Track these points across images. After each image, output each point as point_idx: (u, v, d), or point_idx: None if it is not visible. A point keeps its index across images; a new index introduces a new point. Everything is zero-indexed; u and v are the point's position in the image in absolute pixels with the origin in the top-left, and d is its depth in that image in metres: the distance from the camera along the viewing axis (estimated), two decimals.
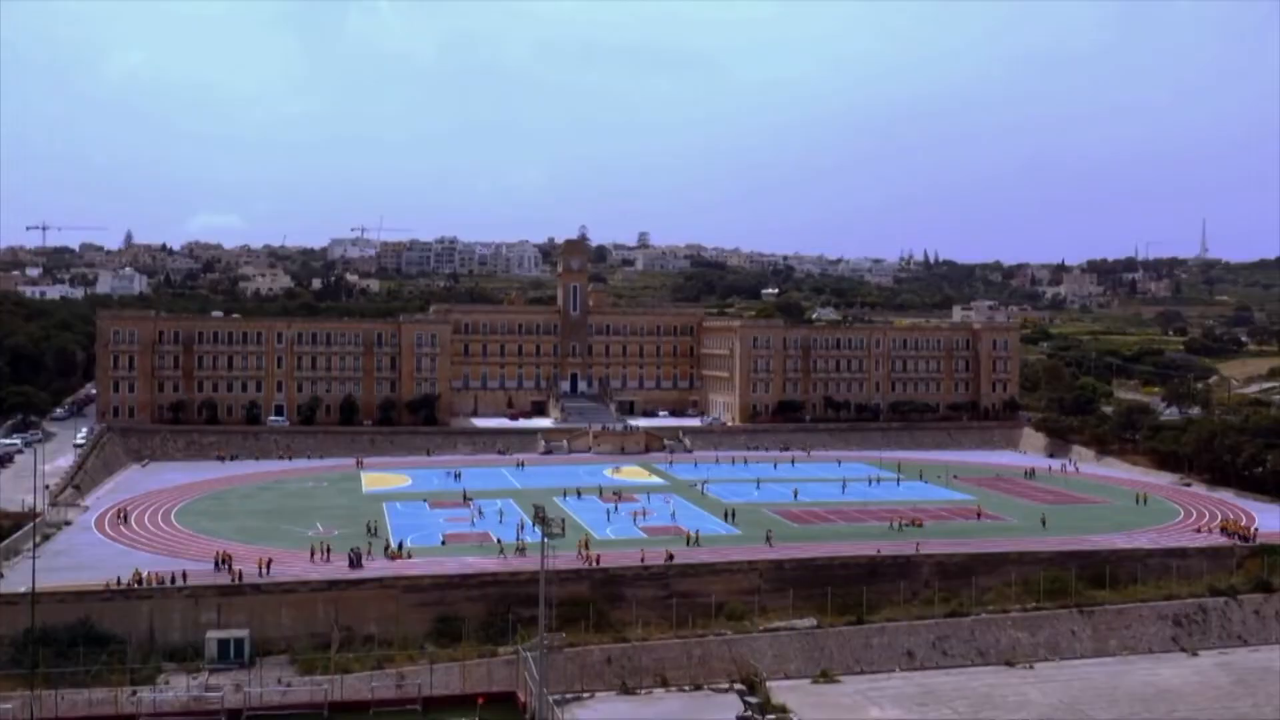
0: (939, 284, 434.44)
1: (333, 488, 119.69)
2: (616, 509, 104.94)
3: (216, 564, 79.48)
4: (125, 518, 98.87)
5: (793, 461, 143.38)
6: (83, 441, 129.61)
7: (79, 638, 67.15)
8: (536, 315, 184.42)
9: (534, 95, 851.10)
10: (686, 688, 70.12)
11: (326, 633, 72.93)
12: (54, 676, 62.10)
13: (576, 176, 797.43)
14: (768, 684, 68.63)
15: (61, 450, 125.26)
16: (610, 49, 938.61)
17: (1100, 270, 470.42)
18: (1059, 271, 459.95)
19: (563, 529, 51.79)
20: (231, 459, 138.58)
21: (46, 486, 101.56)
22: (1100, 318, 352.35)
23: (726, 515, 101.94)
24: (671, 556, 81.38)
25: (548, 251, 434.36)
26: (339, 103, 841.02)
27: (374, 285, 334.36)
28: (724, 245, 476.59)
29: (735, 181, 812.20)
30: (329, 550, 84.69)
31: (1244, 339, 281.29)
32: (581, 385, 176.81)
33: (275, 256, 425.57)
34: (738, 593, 79.91)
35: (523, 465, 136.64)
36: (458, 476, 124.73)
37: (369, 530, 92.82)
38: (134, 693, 63.04)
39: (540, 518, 52.28)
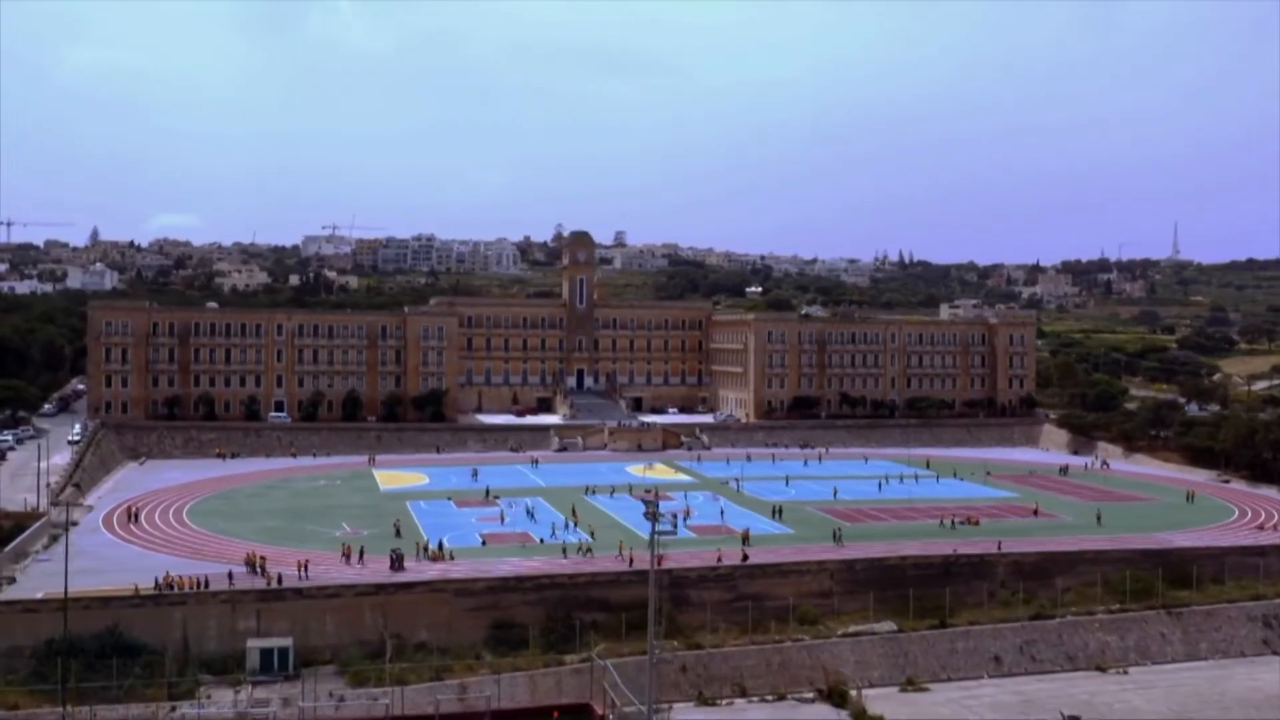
0: (915, 284, 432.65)
1: (346, 486, 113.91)
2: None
3: (251, 567, 73.62)
4: (135, 517, 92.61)
5: (819, 459, 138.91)
6: (77, 438, 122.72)
7: (107, 647, 61.13)
8: (541, 309, 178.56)
9: (510, 94, 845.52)
10: (769, 697, 65.75)
11: (374, 640, 67.19)
12: (85, 690, 56.18)
13: (551, 175, 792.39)
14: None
15: (55, 447, 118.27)
16: (587, 50, 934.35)
17: (1075, 271, 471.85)
18: (1034, 272, 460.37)
19: (675, 526, 46.55)
20: (232, 456, 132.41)
21: (47, 485, 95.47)
22: (1080, 317, 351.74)
23: (774, 513, 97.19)
24: (746, 557, 76.45)
25: (525, 249, 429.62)
26: (308, 101, 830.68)
27: (352, 282, 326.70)
28: (699, 245, 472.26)
29: (710, 182, 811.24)
30: (362, 551, 79.34)
31: (1235, 337, 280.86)
32: (588, 381, 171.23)
33: (247, 254, 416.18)
34: (808, 595, 75.21)
35: (537, 463, 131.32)
36: (475, 474, 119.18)
37: (395, 530, 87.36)
38: (174, 708, 57.33)
39: (652, 513, 47.13)
